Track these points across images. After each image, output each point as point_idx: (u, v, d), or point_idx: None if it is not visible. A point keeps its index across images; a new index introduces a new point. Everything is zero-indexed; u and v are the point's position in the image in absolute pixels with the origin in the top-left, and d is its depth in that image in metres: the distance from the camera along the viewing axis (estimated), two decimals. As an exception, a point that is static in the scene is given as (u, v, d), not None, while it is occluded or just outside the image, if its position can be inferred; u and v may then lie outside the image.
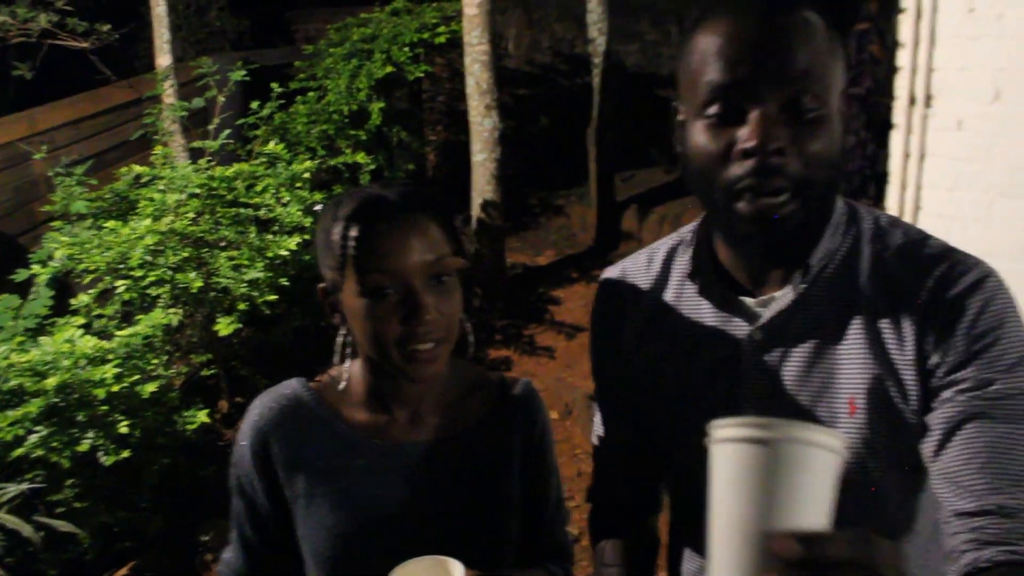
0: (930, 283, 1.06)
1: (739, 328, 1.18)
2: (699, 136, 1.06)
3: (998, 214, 3.53)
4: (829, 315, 1.11)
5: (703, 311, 1.22)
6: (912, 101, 3.75)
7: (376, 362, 1.26)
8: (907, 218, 3.77)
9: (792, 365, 1.13)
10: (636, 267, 1.33)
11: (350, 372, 1.34)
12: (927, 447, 1.05)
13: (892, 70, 3.84)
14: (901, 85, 3.78)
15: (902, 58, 3.76)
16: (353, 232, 1.19)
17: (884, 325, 1.08)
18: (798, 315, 1.13)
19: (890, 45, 3.81)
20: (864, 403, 1.08)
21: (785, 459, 0.67)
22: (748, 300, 1.17)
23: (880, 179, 4.22)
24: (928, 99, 3.71)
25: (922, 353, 1.06)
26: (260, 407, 1.32)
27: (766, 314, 1.15)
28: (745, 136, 1.01)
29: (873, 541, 0.72)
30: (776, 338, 1.15)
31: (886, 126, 3.99)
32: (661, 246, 1.32)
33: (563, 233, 7.85)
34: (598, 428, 1.43)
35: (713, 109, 1.03)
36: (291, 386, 1.35)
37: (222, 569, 1.39)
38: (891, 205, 3.90)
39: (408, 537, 1.27)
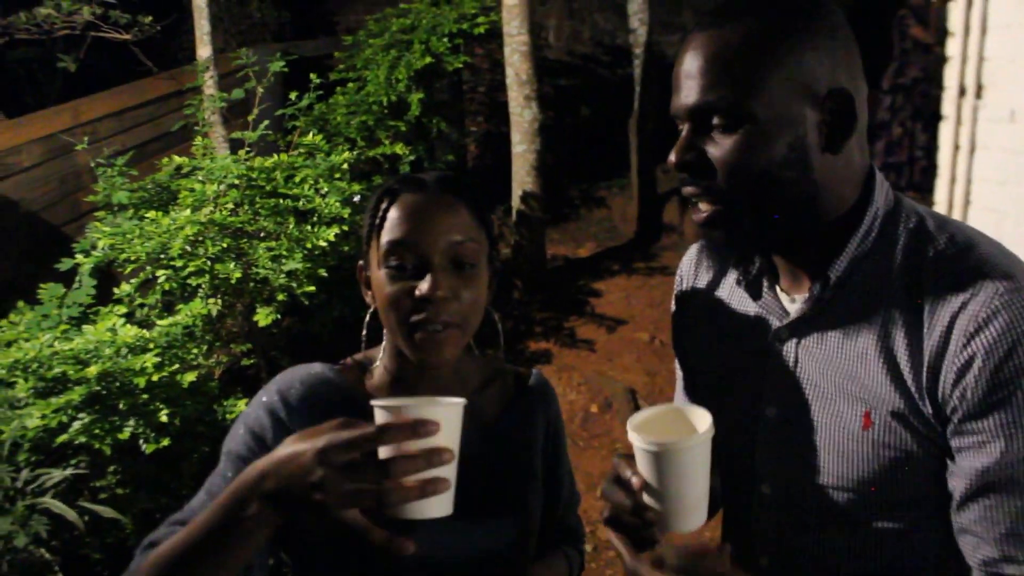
0: (956, 314, 1.02)
1: (771, 324, 1.20)
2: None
3: (1051, 208, 3.43)
4: (853, 324, 1.11)
5: (747, 303, 1.24)
6: (962, 91, 3.65)
7: (397, 345, 1.26)
8: (956, 213, 3.67)
9: (810, 367, 1.15)
10: (709, 247, 1.38)
11: (381, 354, 1.33)
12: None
13: (941, 59, 3.75)
14: (950, 75, 3.68)
15: (952, 47, 3.66)
16: (384, 203, 1.22)
17: (910, 345, 1.06)
18: (820, 319, 1.14)
19: (939, 33, 3.71)
20: (879, 419, 1.08)
21: (668, 459, 1.04)
22: (784, 296, 1.19)
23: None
24: (979, 89, 3.61)
25: (940, 385, 1.04)
26: (287, 376, 1.28)
27: (791, 314, 1.17)
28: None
29: (699, 554, 1.01)
30: (799, 339, 1.16)
31: (936, 117, 3.89)
32: None
33: (604, 225, 7.80)
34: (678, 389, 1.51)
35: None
36: (315, 366, 1.32)
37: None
38: (940, 199, 3.80)
39: (436, 527, 1.26)
